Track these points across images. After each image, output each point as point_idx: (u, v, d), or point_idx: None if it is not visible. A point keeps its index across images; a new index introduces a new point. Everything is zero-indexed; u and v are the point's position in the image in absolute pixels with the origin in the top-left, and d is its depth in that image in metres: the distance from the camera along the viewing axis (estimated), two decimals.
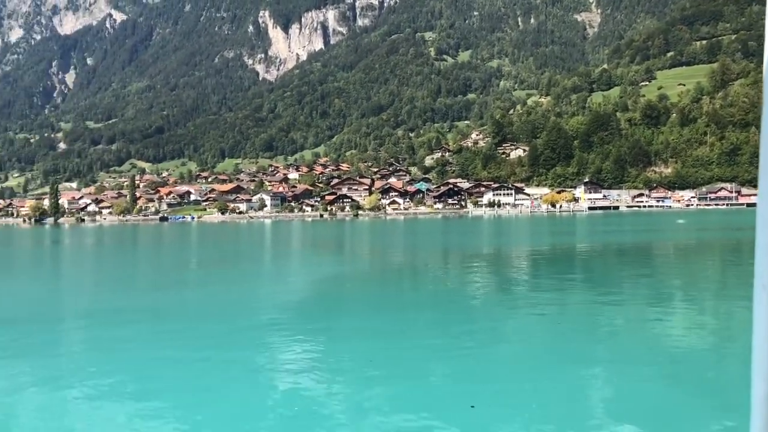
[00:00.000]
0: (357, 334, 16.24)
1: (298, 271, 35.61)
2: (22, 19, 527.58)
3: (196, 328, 17.91)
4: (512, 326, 17.57)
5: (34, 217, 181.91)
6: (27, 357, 14.91)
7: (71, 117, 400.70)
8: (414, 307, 21.14)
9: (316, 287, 26.95)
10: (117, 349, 15.23)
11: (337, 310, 20.70)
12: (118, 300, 24.41)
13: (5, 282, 34.87)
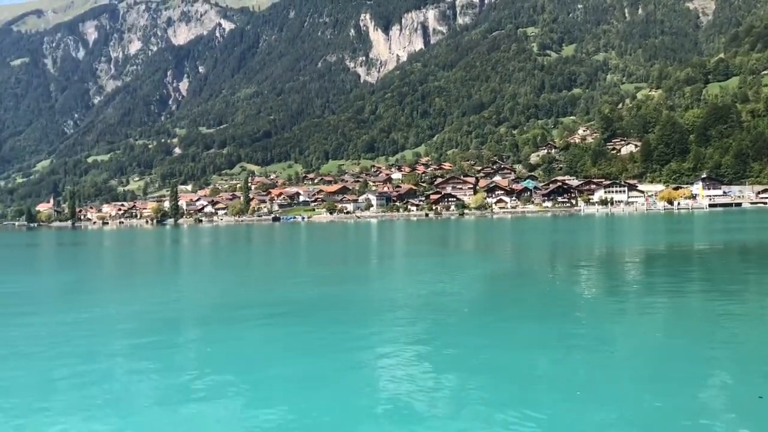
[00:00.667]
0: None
1: (441, 269, 35.86)
2: (140, 32, 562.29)
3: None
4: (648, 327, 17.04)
5: (155, 218, 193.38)
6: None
7: (185, 123, 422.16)
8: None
9: (474, 284, 27.07)
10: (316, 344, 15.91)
11: (508, 310, 20.52)
12: (281, 293, 25.63)
13: (173, 279, 37.26)
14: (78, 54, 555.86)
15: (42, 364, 14.47)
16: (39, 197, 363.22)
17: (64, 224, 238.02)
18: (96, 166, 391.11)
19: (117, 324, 19.67)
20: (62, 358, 14.79)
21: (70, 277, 39.36)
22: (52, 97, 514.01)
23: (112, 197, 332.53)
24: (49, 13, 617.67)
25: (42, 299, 27.70)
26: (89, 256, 64.66)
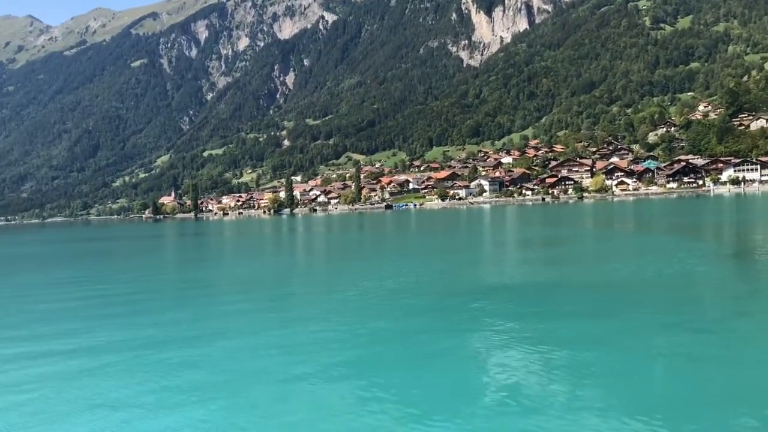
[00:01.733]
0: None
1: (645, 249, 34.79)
2: (248, 28, 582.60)
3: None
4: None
5: (272, 209, 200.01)
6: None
7: (293, 116, 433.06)
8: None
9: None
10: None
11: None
12: (529, 276, 25.53)
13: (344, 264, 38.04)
14: (191, 53, 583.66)
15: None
16: (160, 191, 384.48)
17: (187, 216, 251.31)
18: (211, 159, 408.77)
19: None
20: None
21: (290, 260, 42.46)
22: (169, 95, 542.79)
23: (227, 189, 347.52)
24: (163, 15, 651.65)
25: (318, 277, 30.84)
26: (267, 242, 68.43)
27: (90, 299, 26.39)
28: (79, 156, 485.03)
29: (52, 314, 23.15)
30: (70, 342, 17.48)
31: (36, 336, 18.91)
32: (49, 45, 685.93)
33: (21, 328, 20.28)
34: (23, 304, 26.60)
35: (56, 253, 69.55)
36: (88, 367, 14.63)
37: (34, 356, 16.16)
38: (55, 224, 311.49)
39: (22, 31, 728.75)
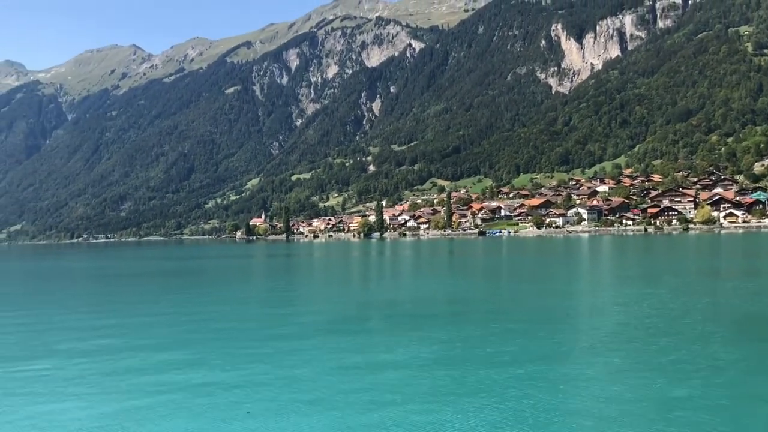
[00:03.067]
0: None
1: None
2: (337, 56, 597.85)
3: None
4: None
5: (362, 232, 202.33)
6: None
7: (378, 141, 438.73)
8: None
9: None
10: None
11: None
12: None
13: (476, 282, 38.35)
14: (282, 80, 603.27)
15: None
16: (250, 212, 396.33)
17: (278, 237, 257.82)
18: (299, 183, 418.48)
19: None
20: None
21: (430, 283, 43.39)
22: (260, 121, 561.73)
23: (313, 213, 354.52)
24: (257, 44, 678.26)
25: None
26: (381, 264, 69.90)
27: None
28: (174, 178, 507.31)
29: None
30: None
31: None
32: (150, 72, 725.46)
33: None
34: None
35: (207, 269, 72.93)
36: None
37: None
38: (151, 243, 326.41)
39: (126, 60, 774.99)
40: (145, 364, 18.82)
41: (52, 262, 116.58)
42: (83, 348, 22.60)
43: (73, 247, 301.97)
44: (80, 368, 19.16)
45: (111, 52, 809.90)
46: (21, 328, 28.44)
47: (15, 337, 26.04)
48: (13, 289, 55.36)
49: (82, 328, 27.98)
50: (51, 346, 23.27)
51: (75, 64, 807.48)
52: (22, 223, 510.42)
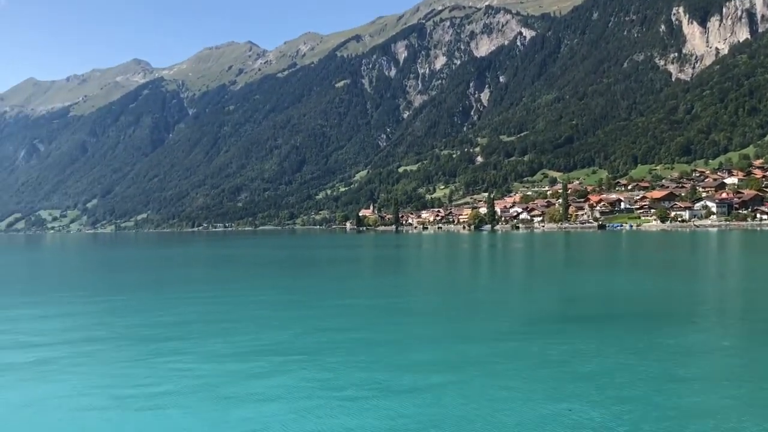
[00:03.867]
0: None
1: None
2: (445, 47, 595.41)
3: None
4: None
5: (473, 224, 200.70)
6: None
7: (486, 132, 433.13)
8: None
9: None
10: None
11: None
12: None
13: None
14: (390, 73, 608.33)
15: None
16: (358, 204, 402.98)
17: (387, 228, 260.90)
18: (406, 175, 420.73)
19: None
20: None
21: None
22: (368, 113, 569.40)
23: (420, 204, 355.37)
24: (366, 37, 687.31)
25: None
26: (515, 258, 69.39)
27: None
28: (287, 170, 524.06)
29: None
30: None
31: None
32: (265, 68, 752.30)
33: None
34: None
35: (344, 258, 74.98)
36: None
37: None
38: (265, 232, 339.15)
39: (242, 56, 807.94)
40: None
41: (187, 249, 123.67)
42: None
43: (194, 235, 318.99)
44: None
45: (228, 49, 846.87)
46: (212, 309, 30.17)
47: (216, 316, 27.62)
48: (176, 275, 58.91)
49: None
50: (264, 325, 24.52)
51: (195, 61, 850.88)
52: (148, 212, 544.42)
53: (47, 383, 16.78)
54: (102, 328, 25.33)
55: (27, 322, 27.80)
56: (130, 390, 15.68)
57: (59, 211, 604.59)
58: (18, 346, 21.74)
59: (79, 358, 19.61)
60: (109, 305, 33.16)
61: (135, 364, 18.65)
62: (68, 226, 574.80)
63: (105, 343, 22.08)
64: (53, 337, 23.59)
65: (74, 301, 35.34)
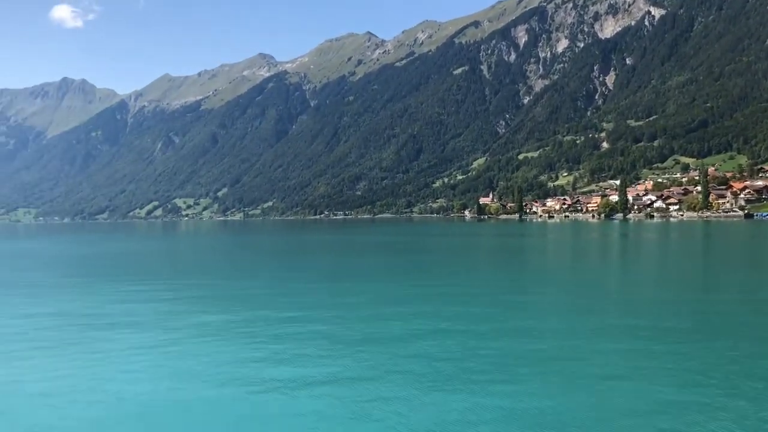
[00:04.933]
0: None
1: None
2: (567, 30, 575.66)
3: None
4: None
5: (603, 213, 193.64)
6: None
7: (612, 117, 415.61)
8: None
9: None
10: None
11: None
12: None
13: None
14: (509, 58, 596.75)
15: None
16: (476, 192, 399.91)
17: (510, 217, 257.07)
18: (526, 162, 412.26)
19: None
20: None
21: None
22: (487, 100, 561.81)
23: (542, 192, 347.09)
24: (485, 23, 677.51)
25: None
26: (671, 248, 66.92)
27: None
28: (404, 159, 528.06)
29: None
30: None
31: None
32: (383, 58, 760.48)
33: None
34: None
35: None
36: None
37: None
38: (384, 220, 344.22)
39: (361, 47, 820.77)
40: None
41: (332, 236, 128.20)
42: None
43: (316, 222, 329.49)
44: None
45: (348, 40, 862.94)
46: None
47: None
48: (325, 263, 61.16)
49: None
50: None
51: (316, 54, 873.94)
52: (273, 200, 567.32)
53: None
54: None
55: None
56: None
57: (193, 200, 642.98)
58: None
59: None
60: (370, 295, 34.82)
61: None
62: (201, 213, 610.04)
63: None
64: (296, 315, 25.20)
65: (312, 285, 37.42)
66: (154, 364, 17.70)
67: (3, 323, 24.87)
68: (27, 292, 35.17)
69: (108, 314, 26.45)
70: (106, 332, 22.41)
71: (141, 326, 23.39)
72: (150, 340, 20.84)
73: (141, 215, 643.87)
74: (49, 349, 19.79)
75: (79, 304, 30.46)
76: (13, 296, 33.76)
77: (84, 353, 19.18)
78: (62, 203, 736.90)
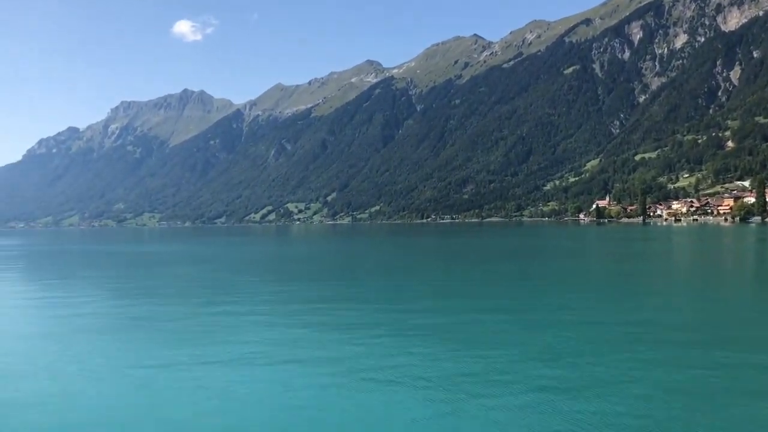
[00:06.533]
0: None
1: None
2: (686, 24, 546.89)
3: None
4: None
5: (737, 216, 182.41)
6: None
7: (738, 114, 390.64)
8: None
9: None
10: None
11: None
12: None
13: None
14: (623, 55, 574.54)
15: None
16: (590, 194, 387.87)
17: (632, 221, 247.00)
18: (643, 163, 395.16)
19: None
20: None
21: None
22: (600, 99, 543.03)
23: (661, 194, 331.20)
24: (596, 20, 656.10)
25: None
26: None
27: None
28: (513, 161, 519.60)
29: None
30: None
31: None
32: (490, 60, 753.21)
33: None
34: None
35: None
36: None
37: None
38: (492, 224, 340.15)
39: (468, 49, 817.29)
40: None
41: (457, 239, 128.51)
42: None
43: (424, 226, 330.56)
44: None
45: (454, 43, 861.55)
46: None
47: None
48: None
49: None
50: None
51: (423, 58, 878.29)
52: (380, 204, 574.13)
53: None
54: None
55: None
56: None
57: (303, 204, 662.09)
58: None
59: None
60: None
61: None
62: (311, 217, 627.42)
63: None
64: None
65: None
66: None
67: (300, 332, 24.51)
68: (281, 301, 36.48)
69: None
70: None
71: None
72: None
73: (255, 219, 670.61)
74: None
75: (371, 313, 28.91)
76: (282, 315, 29.58)
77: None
78: (183, 208, 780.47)
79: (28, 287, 46.36)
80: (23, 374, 18.25)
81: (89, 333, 24.52)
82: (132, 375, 17.76)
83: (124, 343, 22.39)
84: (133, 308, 31.99)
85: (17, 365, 19.42)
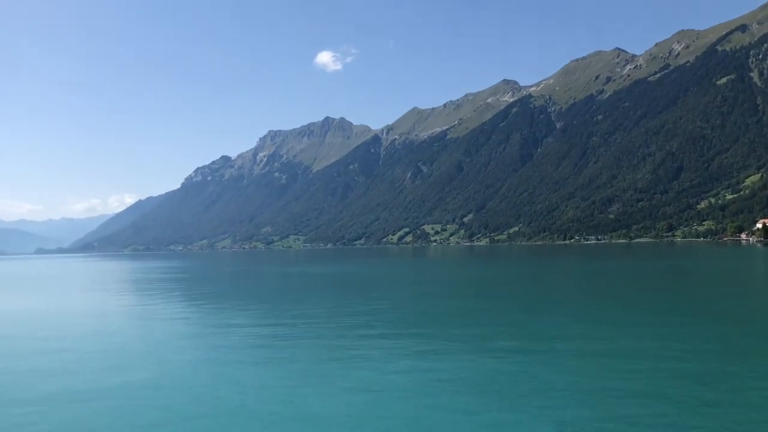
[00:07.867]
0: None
1: None
2: None
3: None
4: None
5: None
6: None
7: None
8: None
9: None
10: None
11: None
12: None
13: None
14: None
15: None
16: (751, 212, 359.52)
17: None
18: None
19: None
20: None
21: None
22: (759, 110, 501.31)
23: None
24: (753, 26, 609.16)
25: None
26: None
27: None
28: (662, 178, 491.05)
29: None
30: None
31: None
32: (634, 73, 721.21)
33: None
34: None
35: None
36: None
37: None
38: (641, 244, 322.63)
39: (610, 64, 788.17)
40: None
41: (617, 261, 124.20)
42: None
43: (567, 247, 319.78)
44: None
45: (594, 58, 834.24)
46: None
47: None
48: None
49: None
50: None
51: (561, 75, 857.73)
52: (519, 225, 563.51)
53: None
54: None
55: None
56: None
57: (440, 225, 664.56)
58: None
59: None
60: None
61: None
62: (448, 239, 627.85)
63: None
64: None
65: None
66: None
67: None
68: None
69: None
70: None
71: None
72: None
73: (393, 241, 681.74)
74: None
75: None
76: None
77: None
78: (325, 230, 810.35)
79: (244, 316, 49.64)
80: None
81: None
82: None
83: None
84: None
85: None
